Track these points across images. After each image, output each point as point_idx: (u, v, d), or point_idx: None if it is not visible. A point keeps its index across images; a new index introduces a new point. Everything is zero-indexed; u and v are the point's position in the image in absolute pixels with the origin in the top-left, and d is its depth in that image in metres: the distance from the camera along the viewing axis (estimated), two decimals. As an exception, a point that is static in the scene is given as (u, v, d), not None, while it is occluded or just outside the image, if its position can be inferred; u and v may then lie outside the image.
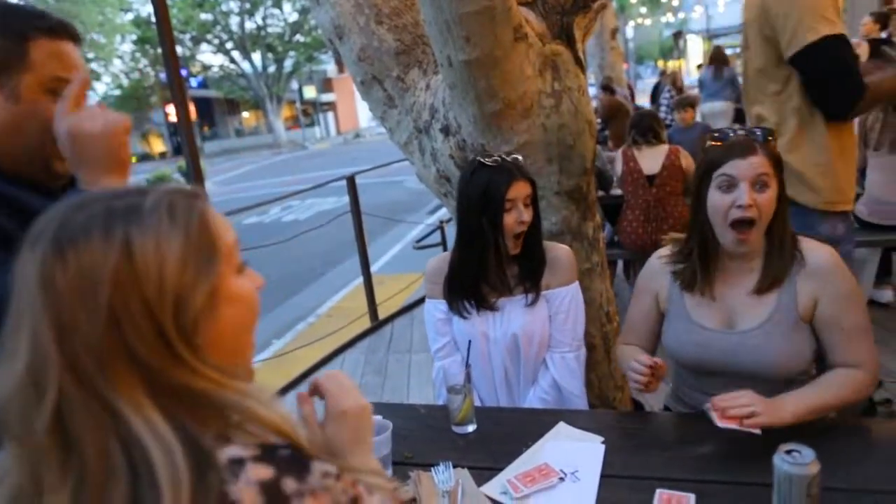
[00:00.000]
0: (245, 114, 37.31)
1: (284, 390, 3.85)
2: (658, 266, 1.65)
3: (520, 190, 1.65)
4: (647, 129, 3.88)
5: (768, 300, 1.45)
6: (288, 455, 0.59)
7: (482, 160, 1.67)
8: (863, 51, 6.40)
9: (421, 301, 5.07)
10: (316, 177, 5.61)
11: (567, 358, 1.74)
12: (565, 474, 1.32)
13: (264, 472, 0.56)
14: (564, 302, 1.74)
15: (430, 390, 3.42)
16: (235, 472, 0.56)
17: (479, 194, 1.65)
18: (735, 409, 1.27)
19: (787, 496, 1.08)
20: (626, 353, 1.62)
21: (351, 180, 4.49)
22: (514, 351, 1.75)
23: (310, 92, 34.99)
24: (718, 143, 1.45)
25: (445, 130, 2.33)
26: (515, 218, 1.64)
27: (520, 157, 1.75)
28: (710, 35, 27.57)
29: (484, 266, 1.71)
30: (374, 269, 5.93)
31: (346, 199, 4.71)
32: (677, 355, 1.58)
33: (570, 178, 2.28)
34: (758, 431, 1.26)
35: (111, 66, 27.03)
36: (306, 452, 0.61)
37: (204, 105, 32.64)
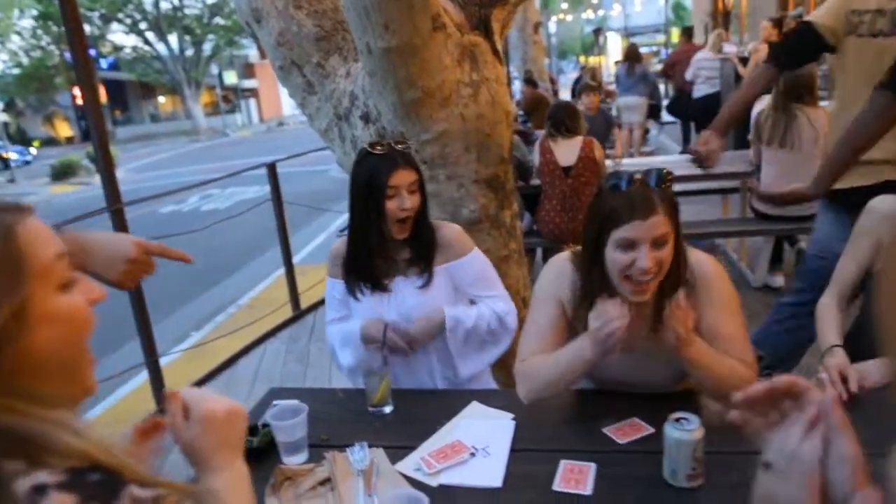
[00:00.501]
0: (161, 98, 35.61)
1: (202, 381, 3.76)
2: (560, 269, 1.56)
3: (403, 178, 1.68)
4: (561, 121, 3.99)
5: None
6: (97, 480, 0.57)
7: (369, 148, 1.71)
8: (763, 52, 6.83)
9: (344, 290, 5.06)
10: (237, 165, 5.43)
11: (498, 305, 1.79)
12: (476, 450, 1.37)
13: (66, 499, 0.55)
14: (470, 268, 1.80)
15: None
16: (35, 500, 0.54)
17: (364, 181, 1.69)
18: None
19: (676, 459, 1.18)
20: (541, 363, 1.49)
21: (272, 168, 4.41)
22: None
23: (230, 77, 33.77)
24: (616, 196, 1.36)
25: (366, 118, 2.34)
26: (398, 205, 1.68)
27: (410, 146, 1.79)
28: (628, 33, 28.59)
29: (372, 249, 1.75)
30: (297, 258, 5.83)
31: (268, 188, 4.62)
32: None
33: (488, 166, 2.35)
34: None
35: (9, 42, 25.18)
36: (121, 477, 0.59)
37: (115, 88, 30.91)
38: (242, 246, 7.70)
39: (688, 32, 9.31)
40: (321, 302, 4.82)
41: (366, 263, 1.77)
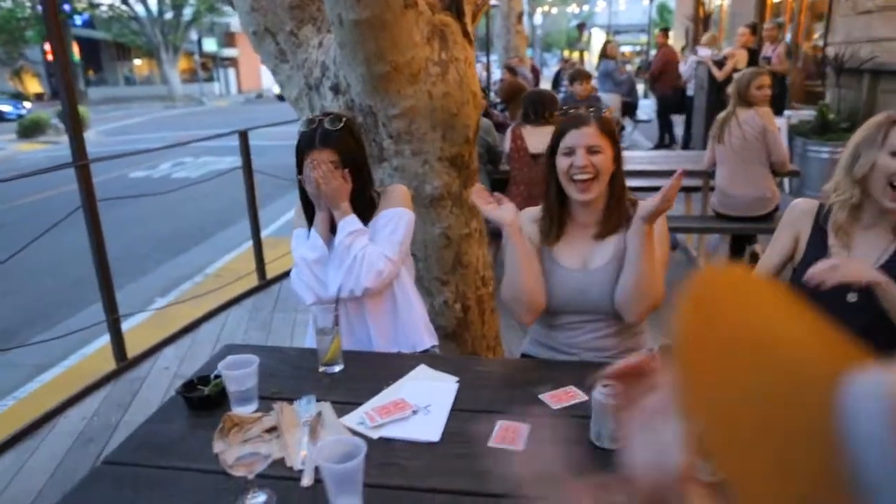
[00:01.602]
0: (137, 61, 34.75)
1: (163, 344, 3.77)
2: (529, 216, 1.87)
3: (318, 157, 1.79)
4: (535, 107, 4.02)
5: (611, 242, 1.73)
6: None
7: (308, 119, 1.85)
8: (741, 57, 6.99)
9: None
10: (212, 135, 5.37)
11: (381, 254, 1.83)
12: (418, 408, 1.45)
13: None
14: (388, 219, 1.87)
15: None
16: None
17: (295, 152, 1.86)
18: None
19: (602, 421, 1.27)
20: (507, 283, 1.77)
21: (243, 135, 4.40)
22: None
23: (210, 45, 33.10)
24: (564, 117, 1.77)
25: (335, 89, 2.37)
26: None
27: (338, 124, 1.83)
28: (612, 31, 28.73)
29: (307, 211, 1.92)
30: (267, 231, 5.82)
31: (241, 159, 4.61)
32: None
33: (453, 145, 2.40)
34: None
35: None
36: None
37: (89, 47, 30.09)
38: (213, 216, 7.65)
39: (665, 32, 9.46)
40: (287, 273, 4.86)
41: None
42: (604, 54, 8.41)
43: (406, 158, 2.37)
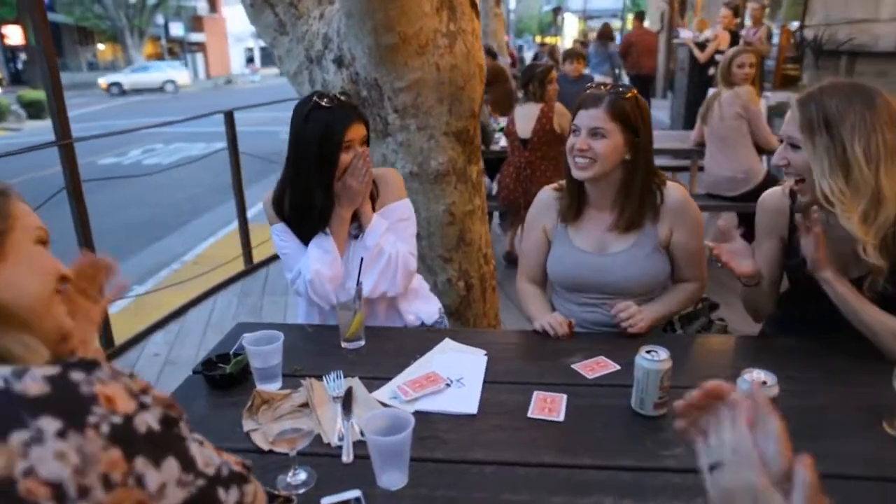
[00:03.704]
0: (100, 45, 33.71)
1: (149, 331, 3.67)
2: (545, 201, 1.83)
3: (357, 131, 1.67)
4: (530, 82, 3.97)
5: (632, 231, 1.69)
6: (76, 360, 0.63)
7: (318, 100, 1.65)
8: (723, 39, 7.03)
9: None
10: (183, 121, 5.19)
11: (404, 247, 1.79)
12: (451, 381, 1.41)
13: (50, 369, 0.59)
14: (403, 211, 1.81)
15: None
16: (19, 373, 0.58)
17: (317, 136, 1.64)
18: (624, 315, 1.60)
19: (645, 387, 1.25)
20: (528, 295, 1.82)
21: (229, 115, 4.28)
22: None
23: (177, 29, 32.30)
24: (584, 94, 1.68)
25: (339, 62, 2.30)
26: (350, 157, 1.67)
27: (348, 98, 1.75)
28: (586, 16, 28.79)
29: (311, 204, 1.71)
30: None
31: (215, 144, 4.49)
32: (557, 276, 1.78)
33: (459, 119, 2.36)
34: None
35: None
36: (97, 359, 0.65)
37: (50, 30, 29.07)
38: (188, 203, 7.47)
39: (640, 16, 9.48)
40: (275, 257, 4.76)
41: (304, 217, 1.73)
42: (604, 36, 8.37)
43: (411, 133, 2.32)
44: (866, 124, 1.32)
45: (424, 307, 1.93)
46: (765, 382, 1.15)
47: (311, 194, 1.69)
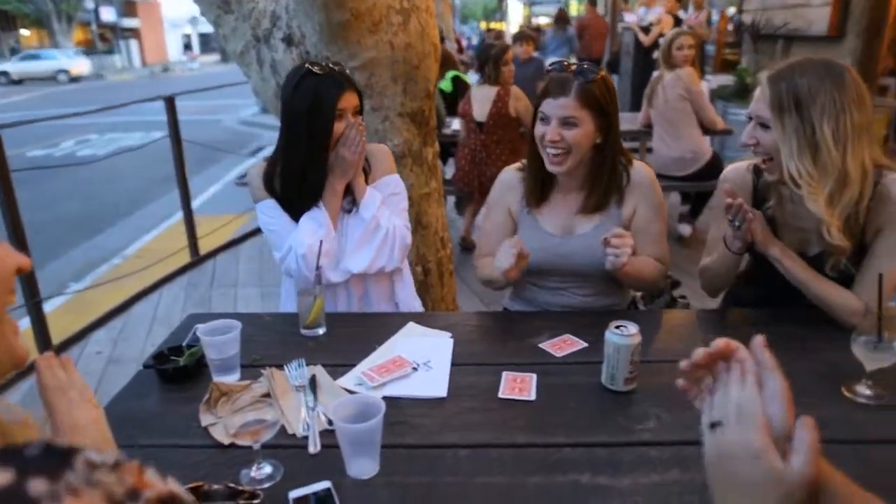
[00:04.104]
0: (24, 31, 31.87)
1: (93, 328, 3.49)
2: (509, 182, 1.77)
3: (349, 101, 1.62)
4: (486, 63, 3.93)
5: (597, 212, 1.66)
6: (38, 453, 0.46)
7: (310, 67, 1.59)
8: (666, 22, 7.15)
9: (246, 237, 4.84)
10: (116, 110, 4.89)
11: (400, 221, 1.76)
12: (418, 364, 1.37)
13: (1, 477, 0.43)
14: (395, 185, 1.77)
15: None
16: None
17: (307, 104, 1.59)
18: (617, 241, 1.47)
19: (616, 363, 1.24)
20: (487, 261, 1.71)
21: (170, 101, 4.09)
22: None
23: (108, 14, 30.83)
24: (548, 77, 1.61)
25: (288, 40, 2.21)
26: (342, 127, 1.62)
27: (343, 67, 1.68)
28: (530, 2, 28.91)
29: (304, 176, 1.66)
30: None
31: (153, 134, 4.30)
32: None
33: (414, 100, 2.30)
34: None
35: None
36: (66, 448, 0.48)
37: (-33, 16, 27.34)
38: (127, 195, 7.15)
39: (593, 1, 9.57)
40: (222, 248, 4.61)
41: (299, 189, 1.67)
42: (561, 20, 8.37)
43: (366, 114, 2.23)
44: (836, 105, 1.32)
45: (415, 302, 1.92)
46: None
47: (304, 165, 1.64)
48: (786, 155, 1.37)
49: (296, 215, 1.68)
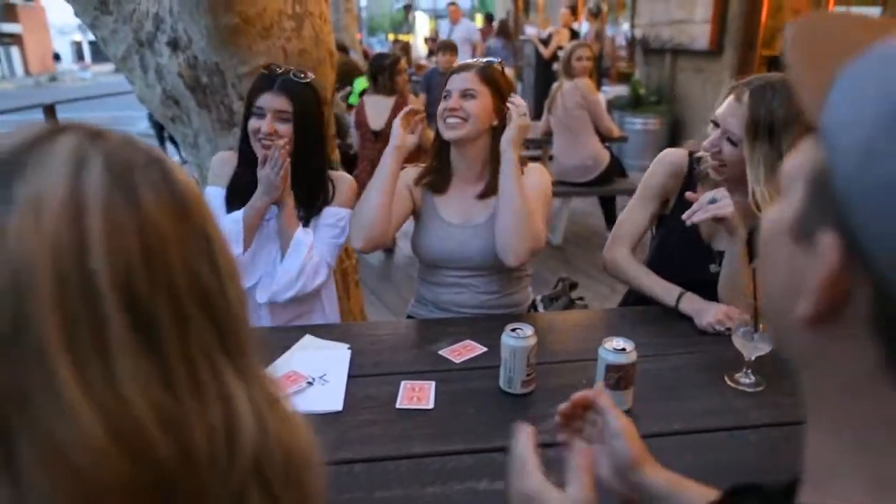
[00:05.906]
0: None
1: None
2: (411, 173, 1.79)
3: (272, 102, 1.61)
4: (380, 73, 3.91)
5: (494, 199, 1.66)
6: None
7: (275, 67, 1.69)
8: (564, 35, 7.43)
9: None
10: (10, 108, 4.49)
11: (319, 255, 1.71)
12: (314, 379, 1.32)
13: None
14: (336, 221, 1.73)
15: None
16: None
17: (248, 95, 1.68)
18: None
19: (512, 366, 1.24)
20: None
21: (50, 110, 3.80)
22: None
23: (-16, 19, 28.52)
24: (457, 65, 1.72)
25: (174, 44, 2.10)
26: (258, 126, 1.61)
27: (304, 78, 1.68)
28: (436, 15, 29.30)
29: (242, 172, 1.70)
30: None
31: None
32: (423, 251, 1.74)
33: (312, 107, 2.24)
34: None
35: None
36: None
37: None
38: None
39: (489, 18, 9.81)
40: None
41: (235, 187, 1.71)
42: (503, 32, 8.45)
43: (260, 122, 2.17)
44: (805, 139, 1.37)
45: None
46: (624, 349, 1.18)
47: (239, 153, 1.73)
48: (752, 179, 1.42)
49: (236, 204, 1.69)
